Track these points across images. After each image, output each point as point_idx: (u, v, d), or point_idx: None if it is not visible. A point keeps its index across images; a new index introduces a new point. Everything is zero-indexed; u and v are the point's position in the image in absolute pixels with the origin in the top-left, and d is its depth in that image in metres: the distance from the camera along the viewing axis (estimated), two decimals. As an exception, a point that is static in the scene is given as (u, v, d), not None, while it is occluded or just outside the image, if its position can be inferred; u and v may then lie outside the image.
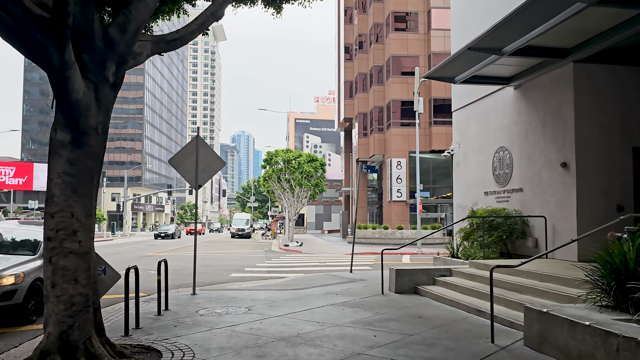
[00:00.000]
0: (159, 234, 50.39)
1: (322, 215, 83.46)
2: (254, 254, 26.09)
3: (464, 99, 15.05)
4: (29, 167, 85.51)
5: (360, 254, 24.66)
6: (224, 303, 9.48)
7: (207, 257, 23.11)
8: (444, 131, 42.20)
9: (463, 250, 12.79)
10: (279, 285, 12.30)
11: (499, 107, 13.08)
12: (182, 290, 11.69)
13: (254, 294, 10.65)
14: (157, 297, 8.53)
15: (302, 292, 10.77)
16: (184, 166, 10.92)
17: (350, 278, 13.52)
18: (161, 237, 49.61)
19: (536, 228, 11.48)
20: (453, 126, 15.82)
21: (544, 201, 11.18)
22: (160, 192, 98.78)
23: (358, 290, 10.96)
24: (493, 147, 13.31)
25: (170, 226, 53.03)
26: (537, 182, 11.47)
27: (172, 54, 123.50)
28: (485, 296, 8.44)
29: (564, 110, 10.57)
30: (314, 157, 38.91)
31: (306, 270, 17.15)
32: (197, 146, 10.89)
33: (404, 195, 42.02)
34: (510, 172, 12.51)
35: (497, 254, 11.57)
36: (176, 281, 13.89)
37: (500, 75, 11.86)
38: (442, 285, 10.14)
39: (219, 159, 11.21)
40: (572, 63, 10.24)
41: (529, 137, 11.81)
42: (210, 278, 14.93)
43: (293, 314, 8.28)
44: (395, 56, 43.36)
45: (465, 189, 14.87)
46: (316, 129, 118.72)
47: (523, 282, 8.37)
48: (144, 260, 20.95)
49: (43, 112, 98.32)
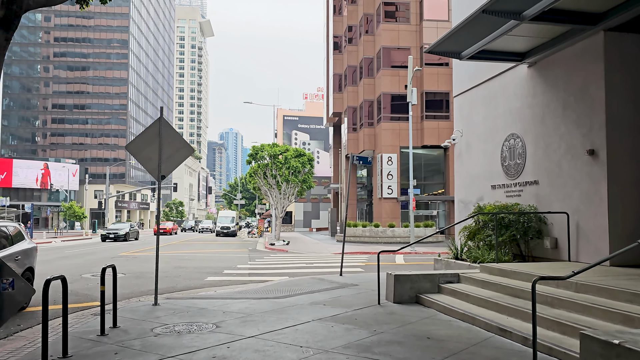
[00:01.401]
0: (107, 234, 38.64)
1: (311, 213, 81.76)
2: (237, 253, 24.40)
3: (466, 82, 13.50)
4: (9, 163, 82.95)
5: (350, 253, 23.08)
6: (189, 317, 7.84)
7: (185, 257, 21.38)
8: (436, 126, 40.78)
9: (468, 251, 11.24)
10: (258, 292, 10.66)
11: (509, 89, 11.53)
12: (145, 299, 10.01)
13: (228, 304, 9.01)
14: (100, 312, 6.85)
15: (284, 302, 9.14)
16: (145, 154, 9.23)
17: (340, 283, 11.92)
18: (110, 238, 38.27)
19: (555, 226, 9.95)
20: (454, 113, 14.26)
21: (566, 195, 9.65)
22: (144, 190, 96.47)
23: (350, 300, 9.35)
24: (502, 134, 11.77)
25: (122, 225, 41.33)
26: (557, 174, 9.94)
27: (158, 49, 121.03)
28: (507, 310, 6.88)
29: (591, 88, 9.04)
30: (301, 152, 37.22)
31: (291, 272, 15.53)
32: (160, 130, 9.20)
33: (395, 192, 40.52)
34: (523, 163, 10.97)
35: (509, 256, 10.03)
36: (143, 286, 12.21)
37: (514, 50, 10.31)
38: (449, 294, 8.56)
39: (186, 146, 9.54)
40: (602, 32, 8.71)
41: (546, 122, 10.28)
42: (183, 282, 13.25)
43: (270, 333, 6.65)
44: (385, 48, 41.79)
45: (469, 182, 13.32)
46: (305, 126, 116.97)
47: (553, 293, 6.82)
48: (116, 261, 19.16)
49: (24, 107, 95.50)
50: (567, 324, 5.72)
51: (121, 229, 39.46)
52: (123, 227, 39.98)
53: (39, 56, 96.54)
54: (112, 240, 37.94)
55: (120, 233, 38.62)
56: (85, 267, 16.78)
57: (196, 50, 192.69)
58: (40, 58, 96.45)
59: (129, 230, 39.80)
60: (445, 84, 40.96)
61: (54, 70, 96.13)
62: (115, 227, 40.21)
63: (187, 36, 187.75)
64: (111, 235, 38.31)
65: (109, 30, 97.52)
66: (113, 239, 38.05)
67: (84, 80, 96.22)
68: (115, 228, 39.56)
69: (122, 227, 40.23)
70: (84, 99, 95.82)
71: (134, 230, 41.69)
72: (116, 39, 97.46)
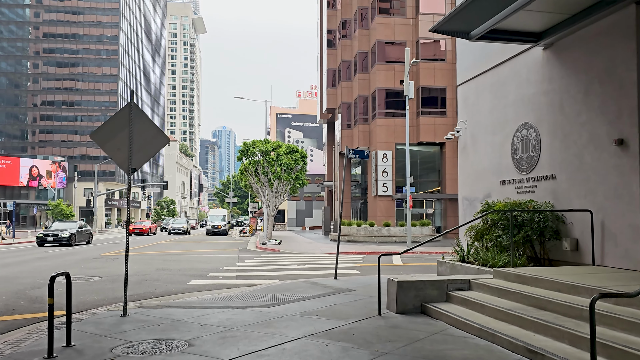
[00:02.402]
0: (44, 237, 28.93)
1: (304, 211, 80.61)
2: (226, 253, 23.26)
3: (472, 69, 12.43)
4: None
5: (345, 253, 22.01)
6: (160, 332, 6.72)
7: (170, 258, 20.22)
8: (433, 122, 39.78)
9: (475, 252, 10.18)
10: (244, 299, 9.56)
11: (521, 74, 10.47)
12: (117, 307, 8.86)
13: (207, 314, 7.90)
14: (48, 330, 5.71)
15: (271, 312, 8.04)
16: (113, 144, 8.10)
17: (335, 287, 10.84)
18: (49, 242, 28.68)
19: (576, 226, 8.90)
20: (458, 103, 13.19)
21: (588, 191, 8.60)
22: (133, 187, 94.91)
23: (346, 309, 8.26)
24: (513, 125, 10.72)
25: (67, 225, 31.24)
26: (577, 167, 8.89)
27: (149, 45, 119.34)
28: (533, 325, 5.81)
29: (619, 69, 7.99)
30: (294, 149, 36.05)
31: (282, 275, 14.44)
32: (131, 117, 8.07)
33: (390, 190, 39.48)
34: (537, 155, 9.92)
35: (524, 259, 8.97)
36: (119, 292, 11.06)
37: (529, 29, 9.24)
38: (460, 304, 7.49)
39: (161, 135, 8.41)
40: (634, 4, 7.65)
41: (564, 110, 9.22)
42: (163, 287, 12.12)
43: (252, 355, 5.55)
44: (381, 42, 40.71)
45: (475, 177, 12.26)
46: (298, 124, 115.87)
47: (610, 310, 5.74)
48: (95, 263, 18.01)
49: (11, 103, 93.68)
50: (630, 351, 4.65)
51: (64, 229, 29.61)
52: (68, 228, 30.05)
53: (27, 52, 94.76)
54: (54, 245, 28.55)
55: (62, 235, 28.69)
56: (60, 269, 15.57)
57: (188, 47, 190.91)
58: (28, 54, 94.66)
59: (75, 231, 29.76)
60: (442, 79, 39.96)
61: (43, 66, 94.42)
62: (58, 227, 30.27)
63: (179, 33, 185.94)
64: (50, 238, 28.62)
65: (98, 26, 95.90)
66: (53, 244, 28.57)
67: (74, 76, 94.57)
68: (57, 229, 29.64)
69: (67, 227, 30.32)
70: (73, 96, 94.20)
71: (83, 231, 31.49)
72: (106, 35, 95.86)
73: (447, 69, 39.98)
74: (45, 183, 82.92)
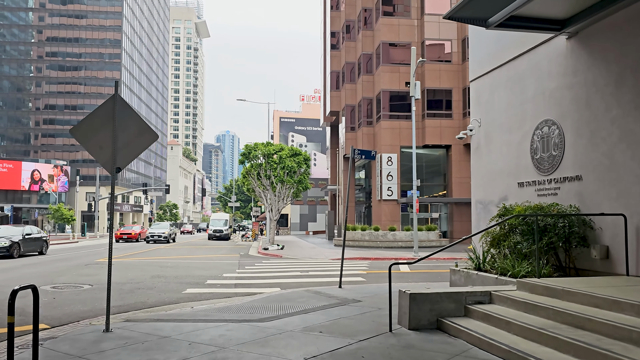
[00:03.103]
0: None
1: (307, 216, 79.85)
2: (226, 259, 22.47)
3: (486, 63, 11.64)
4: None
5: (349, 259, 21.21)
6: (142, 352, 5.93)
7: (167, 265, 19.43)
8: (438, 124, 39.01)
9: (492, 260, 9.36)
10: (241, 310, 8.77)
11: (541, 67, 9.67)
12: (100, 320, 8.06)
13: (199, 329, 7.11)
14: (7, 353, 4.92)
15: (270, 327, 7.24)
16: (95, 140, 7.34)
17: (340, 298, 10.04)
18: None
19: (606, 231, 8.08)
20: (471, 100, 12.39)
21: (620, 193, 7.79)
22: (135, 191, 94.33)
23: (353, 324, 7.45)
24: (532, 122, 9.91)
25: (13, 230, 24.09)
26: (607, 167, 8.08)
27: (152, 49, 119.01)
28: (572, 348, 5.00)
29: (657, 57, 7.19)
30: (297, 152, 35.26)
31: (284, 282, 13.65)
32: (115, 111, 7.31)
33: (395, 194, 38.69)
34: (561, 154, 9.10)
35: (549, 268, 8.14)
36: (115, 302, 10.22)
37: (552, 16, 8.45)
38: (481, 319, 6.67)
39: (148, 130, 7.64)
40: (675, -16, 6.87)
41: (591, 104, 8.42)
42: (156, 296, 11.33)
43: (245, 383, 4.76)
44: (385, 43, 39.98)
45: (489, 179, 11.44)
46: (301, 128, 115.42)
47: None
48: (89, 269, 17.24)
49: (13, 107, 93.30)
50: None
51: (13, 236, 23.01)
52: (13, 234, 23.30)
53: (30, 55, 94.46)
54: None
55: (3, 245, 21.95)
56: (49, 277, 14.81)
57: (192, 51, 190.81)
58: (31, 57, 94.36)
59: (19, 239, 23.00)
60: (448, 80, 39.20)
61: (46, 69, 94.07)
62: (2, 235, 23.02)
63: (183, 37, 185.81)
64: None
65: (101, 30, 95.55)
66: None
67: (76, 80, 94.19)
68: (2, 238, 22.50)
69: (12, 233, 23.48)
70: (76, 99, 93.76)
71: (34, 239, 24.65)
72: (109, 38, 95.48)
73: (453, 70, 39.23)
74: (47, 187, 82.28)
